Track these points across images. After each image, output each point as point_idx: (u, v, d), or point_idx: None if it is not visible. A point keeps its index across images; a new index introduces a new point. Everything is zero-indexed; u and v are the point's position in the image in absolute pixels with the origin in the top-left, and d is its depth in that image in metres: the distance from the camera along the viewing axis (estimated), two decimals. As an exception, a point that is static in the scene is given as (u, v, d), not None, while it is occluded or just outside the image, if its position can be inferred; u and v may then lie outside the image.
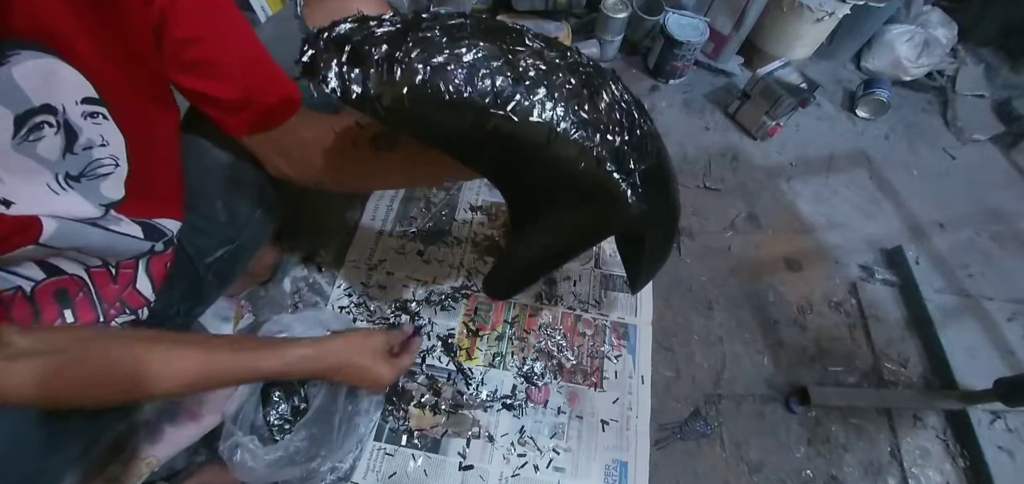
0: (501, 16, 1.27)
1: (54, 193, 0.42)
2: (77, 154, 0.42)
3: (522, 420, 0.78)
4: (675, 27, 1.19)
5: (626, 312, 0.90)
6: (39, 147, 0.39)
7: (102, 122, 0.43)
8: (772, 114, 1.13)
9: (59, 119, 0.40)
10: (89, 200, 0.45)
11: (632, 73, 1.31)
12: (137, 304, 0.54)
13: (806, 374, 0.87)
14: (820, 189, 1.13)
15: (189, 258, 0.60)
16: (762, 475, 0.77)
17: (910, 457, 0.80)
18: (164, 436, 0.68)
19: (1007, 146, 1.25)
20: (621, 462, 0.75)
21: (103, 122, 0.43)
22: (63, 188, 0.42)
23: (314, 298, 0.88)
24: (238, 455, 0.60)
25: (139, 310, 0.55)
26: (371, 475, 0.72)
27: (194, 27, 0.43)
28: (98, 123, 0.42)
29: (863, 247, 1.04)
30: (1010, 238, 1.08)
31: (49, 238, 0.41)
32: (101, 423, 0.53)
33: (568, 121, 0.40)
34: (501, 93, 0.39)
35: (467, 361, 0.82)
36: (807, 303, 0.95)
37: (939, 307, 0.92)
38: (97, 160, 0.44)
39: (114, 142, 0.44)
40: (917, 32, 1.27)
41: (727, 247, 1.01)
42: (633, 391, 0.81)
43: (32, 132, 0.38)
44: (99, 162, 0.44)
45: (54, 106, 0.39)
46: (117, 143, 0.45)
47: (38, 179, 0.40)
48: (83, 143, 0.42)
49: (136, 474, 0.65)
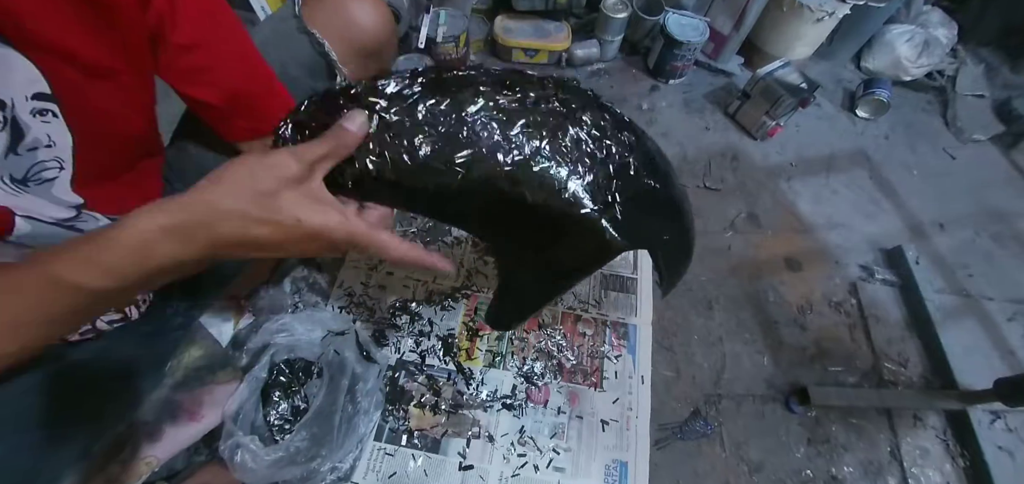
0: (501, 16, 1.27)
1: (10, 194, 0.39)
2: (20, 155, 0.38)
3: (522, 420, 0.78)
4: (675, 27, 1.19)
5: (626, 312, 0.90)
6: None
7: (51, 121, 0.39)
8: (772, 114, 1.13)
9: (7, 114, 0.36)
10: (50, 201, 0.42)
11: (632, 73, 1.31)
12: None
13: (806, 374, 0.87)
14: (820, 189, 1.13)
15: None
16: (762, 475, 0.77)
17: (910, 457, 0.80)
18: (164, 436, 0.68)
19: (1007, 146, 1.25)
20: (621, 462, 0.75)
21: (52, 121, 0.39)
22: (12, 190, 0.39)
23: (314, 298, 0.88)
24: (239, 455, 0.61)
25: (128, 309, 0.53)
26: (371, 475, 0.72)
27: (193, 34, 0.43)
28: (47, 121, 0.38)
29: (863, 247, 1.04)
30: (1010, 238, 1.08)
31: (21, 237, 0.39)
32: (100, 424, 0.53)
33: (534, 161, 0.39)
34: (460, 150, 0.38)
35: (467, 361, 0.82)
36: (807, 303, 0.95)
37: (939, 307, 0.92)
38: (41, 163, 0.40)
39: (61, 143, 0.40)
40: (917, 32, 1.27)
41: (727, 247, 1.01)
42: (633, 391, 0.81)
43: None
44: (43, 165, 0.40)
45: (3, 100, 0.35)
46: (64, 144, 0.41)
47: None
48: (29, 143, 0.38)
49: (136, 474, 0.65)
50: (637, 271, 0.95)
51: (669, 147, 1.17)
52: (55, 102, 0.38)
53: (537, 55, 1.27)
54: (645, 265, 0.96)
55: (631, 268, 0.95)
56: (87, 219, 0.45)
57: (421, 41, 1.17)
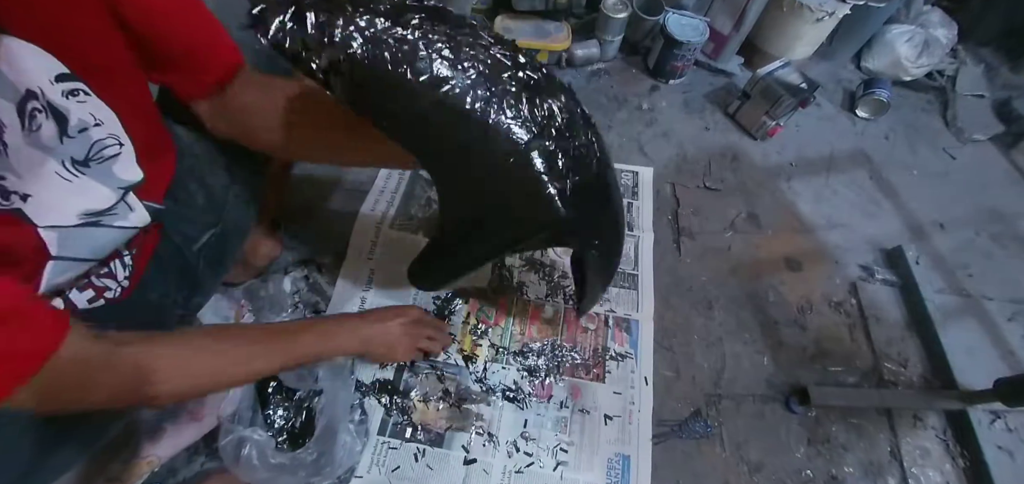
0: (501, 16, 1.27)
1: (66, 180, 0.40)
2: (74, 138, 0.39)
3: (525, 414, 0.78)
4: (675, 27, 1.19)
5: (629, 307, 0.90)
6: (42, 135, 0.37)
7: (86, 99, 0.39)
8: (772, 114, 1.13)
9: (42, 102, 0.37)
10: (106, 185, 0.42)
11: (632, 73, 1.31)
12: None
13: (806, 374, 0.87)
14: (820, 189, 1.13)
15: (177, 247, 0.59)
16: (762, 475, 0.77)
17: (910, 457, 0.80)
18: (164, 436, 0.68)
19: (1007, 146, 1.25)
20: (624, 456, 0.75)
21: (87, 99, 0.39)
22: (75, 174, 0.40)
23: (314, 298, 0.88)
24: (245, 449, 0.60)
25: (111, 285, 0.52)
26: (375, 469, 0.72)
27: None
28: (82, 101, 0.39)
29: (863, 247, 1.04)
30: (1010, 238, 1.08)
31: (59, 251, 0.40)
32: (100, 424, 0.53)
33: (501, 116, 0.41)
34: (437, 75, 0.39)
35: (470, 356, 0.82)
36: (807, 303, 0.95)
37: (939, 307, 0.92)
38: (99, 141, 0.41)
39: (107, 119, 0.41)
40: (917, 32, 1.27)
41: (727, 247, 1.01)
42: (635, 386, 0.81)
43: (32, 120, 0.36)
44: (102, 143, 0.41)
45: (32, 90, 0.36)
46: (110, 120, 0.41)
47: (47, 167, 0.39)
48: (75, 125, 0.39)
49: (136, 474, 0.65)
50: (638, 267, 0.95)
51: (669, 147, 1.17)
52: (80, 80, 0.38)
53: (537, 55, 1.27)
54: (646, 260, 0.96)
55: (632, 264, 0.95)
56: (120, 211, 0.45)
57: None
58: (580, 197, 0.45)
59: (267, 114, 0.52)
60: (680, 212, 1.05)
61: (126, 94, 0.43)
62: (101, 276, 0.49)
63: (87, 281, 0.49)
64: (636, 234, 1.00)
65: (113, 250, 0.49)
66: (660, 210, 1.05)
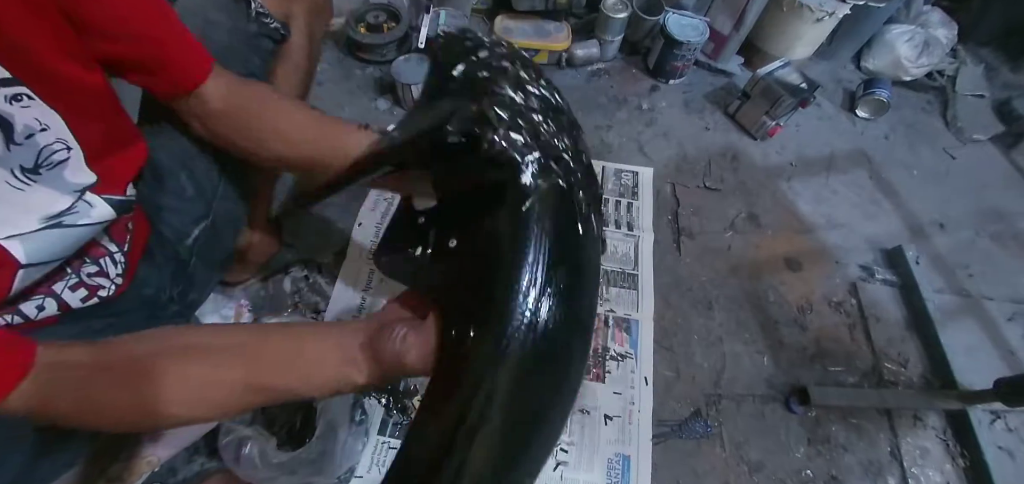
0: (501, 16, 1.27)
1: (17, 189, 0.39)
2: (21, 144, 0.38)
3: (524, 415, 0.78)
4: (675, 27, 1.19)
5: (629, 307, 0.90)
6: None
7: (30, 104, 0.37)
8: (772, 114, 1.13)
9: None
10: (58, 190, 0.41)
11: (632, 73, 1.31)
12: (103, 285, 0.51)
13: (806, 374, 0.87)
14: (820, 189, 1.13)
15: (169, 242, 0.59)
16: (762, 475, 0.77)
17: (910, 457, 0.80)
18: (164, 436, 0.68)
19: (1007, 146, 1.25)
20: (624, 456, 0.75)
21: (32, 103, 0.38)
22: (25, 181, 0.39)
23: (314, 298, 0.88)
24: (247, 448, 0.60)
25: (103, 284, 0.51)
26: (375, 469, 0.72)
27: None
28: (26, 106, 0.37)
29: (863, 247, 1.04)
30: (1010, 238, 1.08)
31: (28, 259, 0.40)
32: None
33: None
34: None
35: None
36: (807, 303, 0.95)
37: (939, 307, 0.92)
38: (47, 147, 0.39)
39: (53, 124, 0.39)
40: (917, 32, 1.27)
41: (727, 247, 1.01)
42: (635, 386, 0.81)
43: None
44: (50, 149, 0.39)
45: None
46: (56, 124, 0.40)
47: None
48: (21, 131, 0.37)
49: (136, 474, 0.65)
50: (638, 267, 0.95)
51: (669, 147, 1.17)
52: (23, 84, 0.37)
53: (537, 55, 1.27)
54: (646, 260, 0.96)
55: (632, 264, 0.95)
56: (81, 210, 0.44)
57: (421, 41, 1.17)
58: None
59: (229, 116, 0.51)
60: (680, 212, 1.05)
61: (73, 97, 0.41)
62: (94, 275, 0.49)
63: (80, 280, 0.48)
64: (636, 234, 1.00)
65: (91, 242, 0.48)
66: (660, 210, 1.05)
